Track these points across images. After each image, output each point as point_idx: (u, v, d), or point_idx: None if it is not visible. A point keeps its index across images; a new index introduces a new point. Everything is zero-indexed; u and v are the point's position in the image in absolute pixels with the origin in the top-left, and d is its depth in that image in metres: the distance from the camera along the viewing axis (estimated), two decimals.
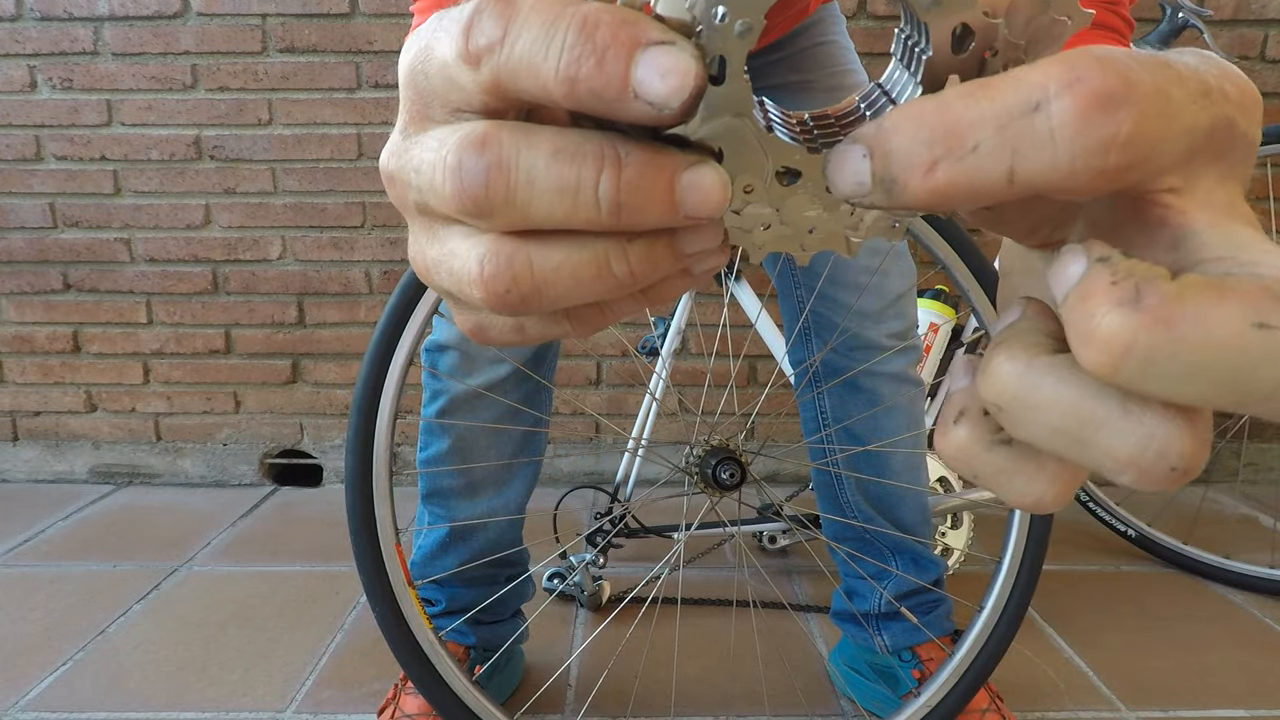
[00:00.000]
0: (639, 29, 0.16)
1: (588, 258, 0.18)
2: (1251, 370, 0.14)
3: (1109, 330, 0.15)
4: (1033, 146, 0.15)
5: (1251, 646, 1.27)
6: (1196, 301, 0.15)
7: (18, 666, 1.19)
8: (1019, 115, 0.15)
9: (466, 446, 1.03)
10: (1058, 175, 0.16)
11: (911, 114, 0.17)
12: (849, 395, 1.06)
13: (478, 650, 1.06)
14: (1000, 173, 0.16)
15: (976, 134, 0.16)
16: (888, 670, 1.09)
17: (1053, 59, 0.16)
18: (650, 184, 0.17)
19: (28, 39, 1.75)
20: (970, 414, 0.20)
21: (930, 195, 0.17)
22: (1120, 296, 0.15)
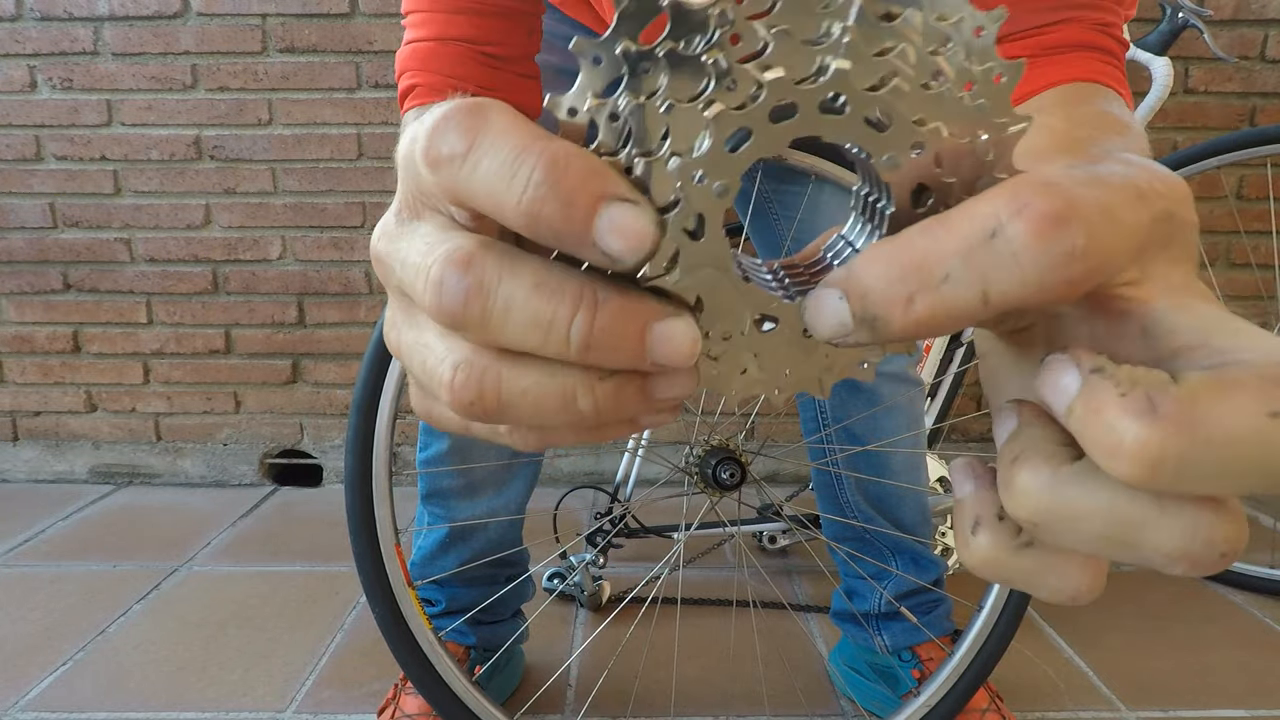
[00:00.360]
0: (606, 182, 0.17)
1: (556, 388, 0.19)
2: (1273, 458, 0.15)
3: (1136, 442, 0.15)
4: (999, 269, 0.16)
5: (1251, 646, 1.27)
6: (1209, 401, 0.15)
7: (18, 666, 1.19)
8: (979, 243, 0.17)
9: (466, 446, 1.03)
10: (1028, 291, 0.17)
11: (880, 254, 0.18)
12: (849, 395, 1.06)
13: (478, 650, 1.06)
14: (974, 296, 0.17)
15: (945, 265, 0.17)
16: (888, 670, 1.09)
17: (998, 188, 0.17)
18: (622, 330, 0.18)
19: (28, 39, 1.75)
20: (986, 522, 0.20)
21: (914, 327, 0.17)
22: (1137, 408, 0.15)
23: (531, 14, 0.63)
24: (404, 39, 0.63)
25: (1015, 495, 0.18)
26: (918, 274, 0.17)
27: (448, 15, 0.60)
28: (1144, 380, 0.16)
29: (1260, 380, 0.15)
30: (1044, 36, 0.46)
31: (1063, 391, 0.17)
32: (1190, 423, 0.15)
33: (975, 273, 0.17)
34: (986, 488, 0.20)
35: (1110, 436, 0.16)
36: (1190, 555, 0.16)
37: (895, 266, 0.17)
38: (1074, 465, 0.17)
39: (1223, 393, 0.15)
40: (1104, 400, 0.16)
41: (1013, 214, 0.16)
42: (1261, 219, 1.81)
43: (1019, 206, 0.16)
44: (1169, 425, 0.15)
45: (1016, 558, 0.19)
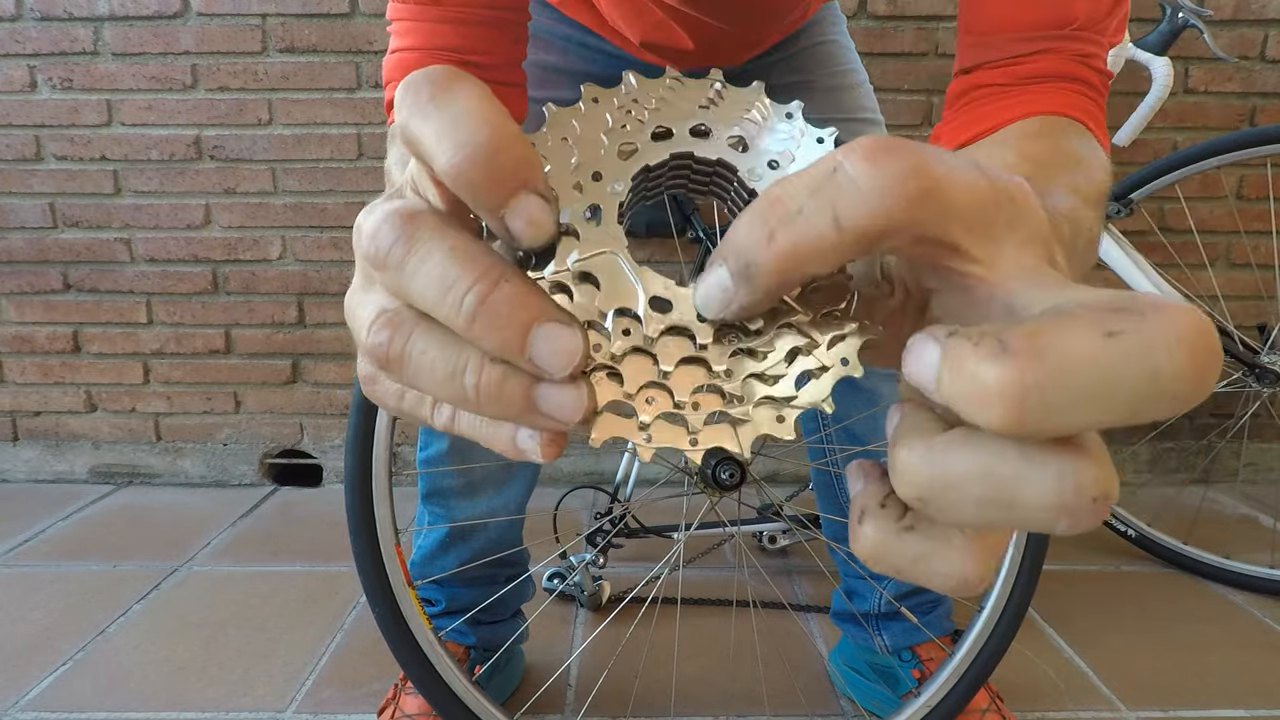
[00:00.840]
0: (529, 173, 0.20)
1: (450, 357, 0.21)
2: (1119, 375, 0.16)
3: (997, 381, 0.16)
4: (843, 195, 0.18)
5: (1251, 646, 1.27)
6: (1051, 332, 0.16)
7: (18, 666, 1.19)
8: (823, 179, 0.19)
9: (466, 446, 1.03)
10: (874, 210, 0.18)
11: (743, 214, 0.20)
12: (849, 395, 1.06)
13: (478, 650, 1.06)
14: (827, 223, 0.18)
15: (797, 201, 0.19)
16: (888, 670, 1.09)
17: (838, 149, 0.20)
18: (510, 314, 0.19)
19: (28, 39, 1.75)
20: (870, 510, 0.21)
21: (781, 260, 0.19)
22: (989, 351, 0.16)
23: (517, 22, 0.63)
24: (389, 48, 0.63)
25: (898, 474, 0.19)
26: (774, 211, 0.19)
27: (432, 25, 0.60)
28: (992, 330, 0.17)
29: (1091, 310, 0.17)
30: (1021, 66, 0.46)
31: (927, 365, 0.18)
32: (1039, 352, 0.16)
33: (824, 201, 0.18)
34: (874, 482, 0.22)
35: (974, 385, 0.16)
36: (1065, 505, 0.17)
37: (755, 214, 0.19)
38: (946, 434, 0.18)
39: (1061, 323, 0.16)
40: (961, 354, 0.17)
41: (848, 151, 0.18)
42: (1261, 219, 1.81)
43: (850, 147, 0.19)
44: (1021, 359, 0.16)
45: (900, 542, 0.20)
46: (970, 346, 0.17)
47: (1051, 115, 0.44)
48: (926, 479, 0.18)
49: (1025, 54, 0.46)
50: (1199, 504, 1.77)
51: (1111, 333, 0.16)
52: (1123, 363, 0.16)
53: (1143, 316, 0.16)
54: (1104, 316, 0.16)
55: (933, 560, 0.20)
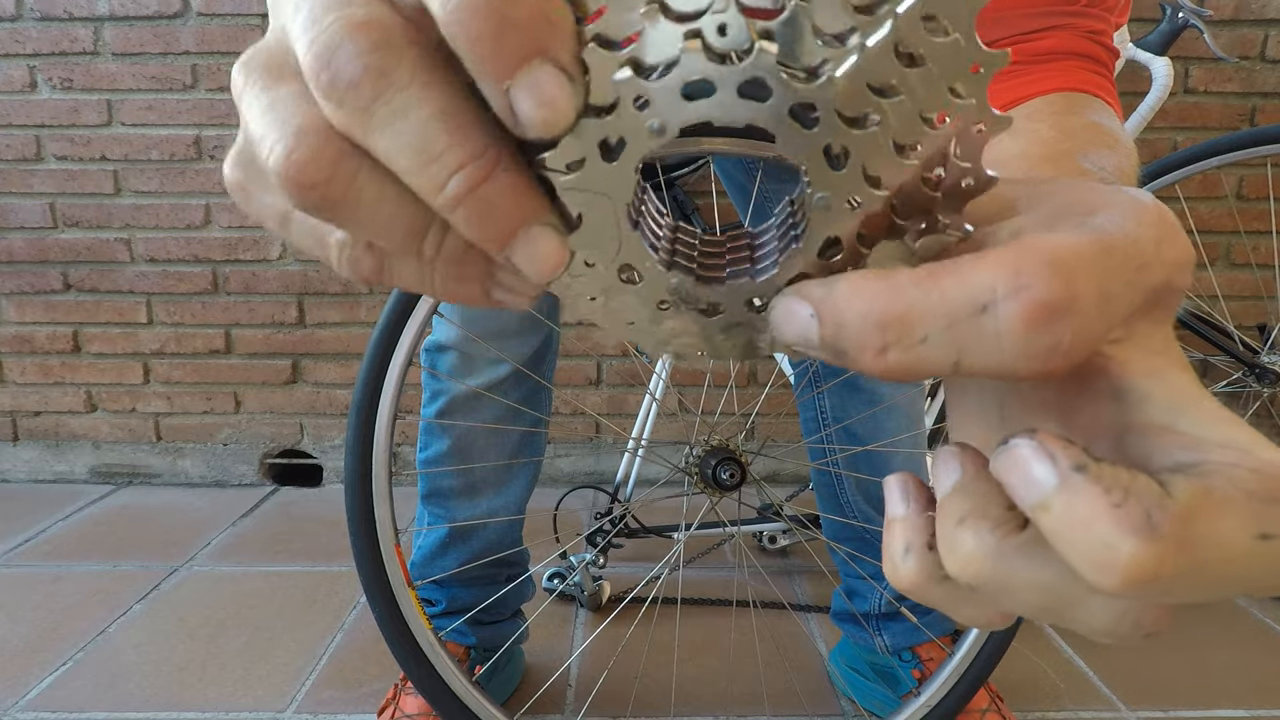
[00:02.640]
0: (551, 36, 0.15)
1: (408, 215, 0.17)
2: (1257, 578, 0.15)
3: (1134, 560, 0.15)
4: (979, 345, 0.16)
5: (1251, 646, 1.27)
6: (1205, 521, 0.15)
7: (18, 666, 1.19)
8: (967, 315, 0.16)
9: (466, 447, 1.03)
10: (1000, 370, 0.16)
11: (866, 291, 0.17)
12: (849, 395, 1.06)
13: (478, 650, 1.06)
14: (947, 363, 0.16)
15: (927, 327, 0.16)
16: (888, 670, 1.09)
17: (1002, 253, 0.16)
18: (503, 209, 0.16)
19: (28, 39, 1.75)
20: (916, 550, 0.20)
21: (879, 372, 0.17)
22: (1134, 524, 0.15)
23: None
24: None
25: (957, 557, 0.18)
26: (899, 327, 0.16)
27: None
28: (1136, 490, 0.15)
29: (1249, 499, 0.15)
30: (1032, 43, 0.46)
31: (1034, 485, 0.16)
32: (1189, 543, 0.15)
33: (955, 342, 0.16)
34: (921, 513, 0.20)
35: (1103, 552, 0.15)
36: (1116, 633, 0.17)
37: (878, 312, 0.17)
38: (1020, 537, 0.17)
39: (1217, 512, 0.15)
40: (1095, 509, 0.15)
41: (1010, 292, 0.16)
42: (1261, 219, 1.81)
43: (1018, 286, 0.16)
44: (1169, 546, 0.15)
45: (939, 587, 0.19)
46: (1106, 504, 0.15)
47: (1073, 92, 0.43)
48: (989, 576, 0.17)
49: (1035, 30, 0.45)
50: None
51: (1267, 535, 0.15)
52: (1265, 569, 0.15)
53: None
54: (1260, 511, 0.15)
55: (964, 607, 0.19)
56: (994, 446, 0.17)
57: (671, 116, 0.17)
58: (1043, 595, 0.17)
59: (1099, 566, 0.15)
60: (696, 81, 0.16)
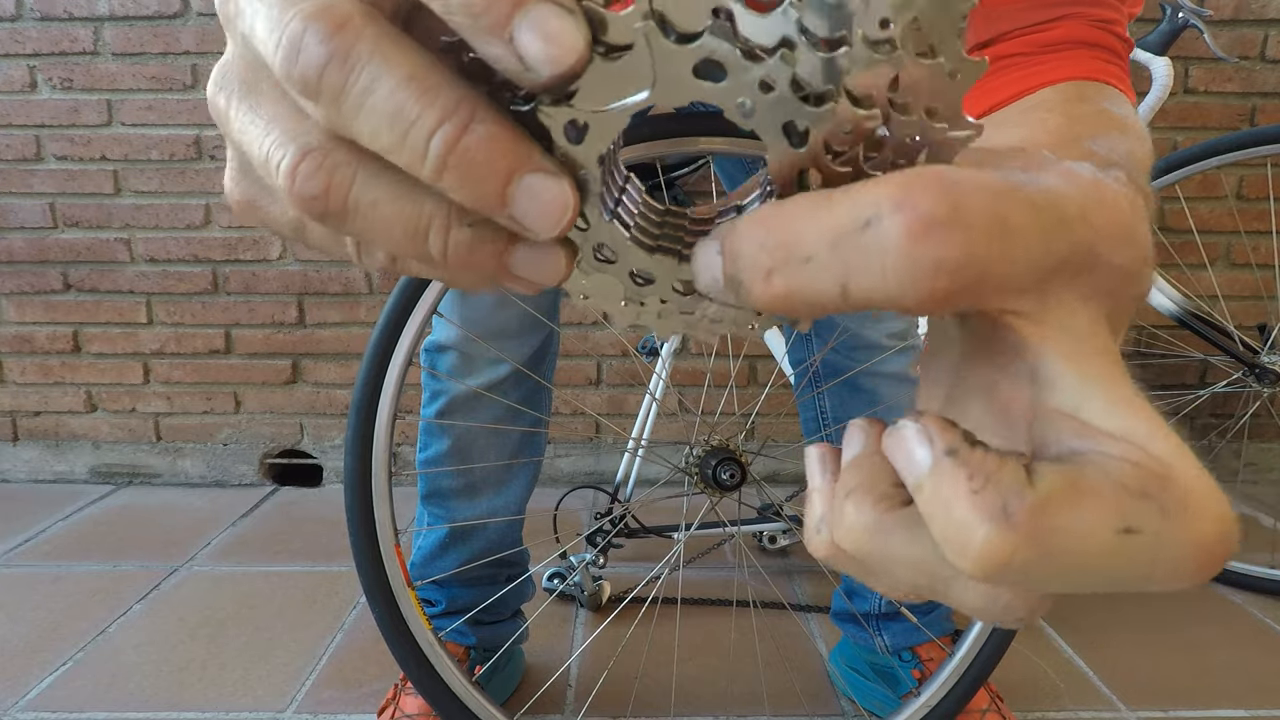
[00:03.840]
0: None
1: (410, 213, 0.17)
2: (1119, 571, 0.15)
3: (986, 544, 0.15)
4: (862, 265, 0.15)
5: (1251, 646, 1.27)
6: (1062, 512, 0.15)
7: (18, 666, 1.19)
8: (850, 231, 0.15)
9: (466, 447, 1.03)
10: (888, 294, 0.15)
11: (759, 218, 0.17)
12: (849, 395, 1.06)
13: (478, 650, 1.06)
14: (833, 287, 0.16)
15: (810, 246, 0.16)
16: (888, 670, 1.09)
17: (891, 176, 0.16)
18: (488, 161, 0.16)
19: (28, 39, 1.75)
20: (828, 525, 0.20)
21: (771, 301, 0.17)
22: (989, 509, 0.15)
23: None
24: None
25: (840, 527, 0.18)
26: (783, 248, 0.16)
27: None
28: (998, 477, 0.15)
29: (1115, 490, 0.15)
30: (1042, 34, 0.45)
31: (914, 464, 0.16)
32: (1041, 533, 0.15)
33: (839, 261, 0.15)
34: (833, 484, 0.20)
35: (959, 533, 0.15)
36: (989, 614, 0.17)
37: (766, 235, 0.16)
38: (899, 513, 0.17)
39: (1077, 502, 0.15)
40: (955, 492, 0.15)
41: (893, 207, 0.15)
42: (1261, 219, 1.81)
43: (901, 200, 0.15)
44: (1020, 534, 0.15)
45: (849, 563, 0.19)
46: (967, 489, 0.15)
47: (1085, 80, 0.42)
48: (866, 548, 0.18)
49: (1045, 21, 0.44)
50: None
51: (1129, 529, 0.15)
52: (1126, 565, 0.15)
53: (1165, 515, 0.15)
54: (1127, 505, 0.15)
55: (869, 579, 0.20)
56: None
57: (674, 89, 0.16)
58: (918, 572, 0.17)
59: (956, 549, 0.15)
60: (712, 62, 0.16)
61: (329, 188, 0.16)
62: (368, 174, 0.16)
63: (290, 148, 0.17)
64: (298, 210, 0.17)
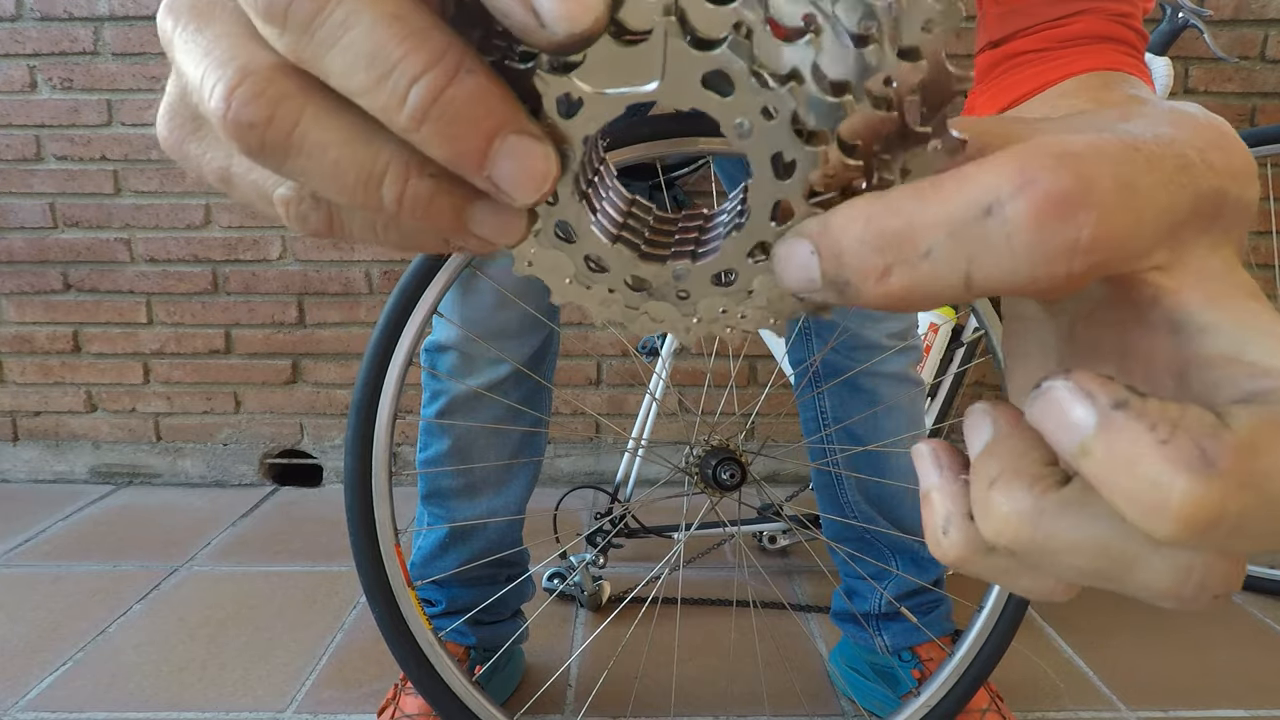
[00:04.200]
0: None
1: (364, 158, 0.15)
2: None
3: (1190, 500, 0.13)
4: (988, 253, 0.14)
5: (1251, 646, 1.27)
6: (1272, 451, 0.13)
7: (18, 666, 1.19)
8: (971, 219, 0.14)
9: (466, 447, 1.03)
10: (1018, 280, 0.15)
11: (860, 213, 0.16)
12: (849, 395, 1.06)
13: (478, 650, 1.06)
14: (956, 278, 0.15)
15: (928, 239, 0.15)
16: (888, 670, 1.09)
17: (1006, 155, 0.15)
18: (472, 116, 0.14)
19: (28, 39, 1.75)
20: (957, 522, 0.18)
21: (886, 300, 0.16)
22: (1187, 460, 0.13)
23: None
24: None
25: (991, 521, 0.16)
26: (898, 245, 0.15)
27: None
28: (1186, 423, 0.13)
29: None
30: (1059, 29, 0.45)
31: (1072, 427, 0.14)
32: (1253, 477, 0.13)
33: (961, 252, 0.15)
34: (954, 480, 0.18)
35: (1152, 493, 0.13)
36: (1181, 596, 0.15)
37: (875, 231, 0.15)
38: (1060, 493, 0.15)
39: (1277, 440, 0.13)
40: (1139, 447, 0.13)
41: (1015, 190, 0.14)
42: (1261, 219, 1.81)
43: (1023, 182, 0.14)
44: (1229, 480, 0.13)
45: (987, 558, 0.18)
46: (1151, 440, 0.13)
47: (1108, 70, 0.41)
48: (1028, 539, 0.16)
49: (1061, 16, 0.44)
50: None
51: None
52: None
53: None
54: None
55: (1021, 578, 0.18)
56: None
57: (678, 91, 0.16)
58: (1094, 557, 0.15)
59: (1150, 511, 0.13)
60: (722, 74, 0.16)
61: (271, 119, 0.14)
62: (318, 109, 0.15)
63: (230, 68, 0.15)
64: (231, 139, 0.15)
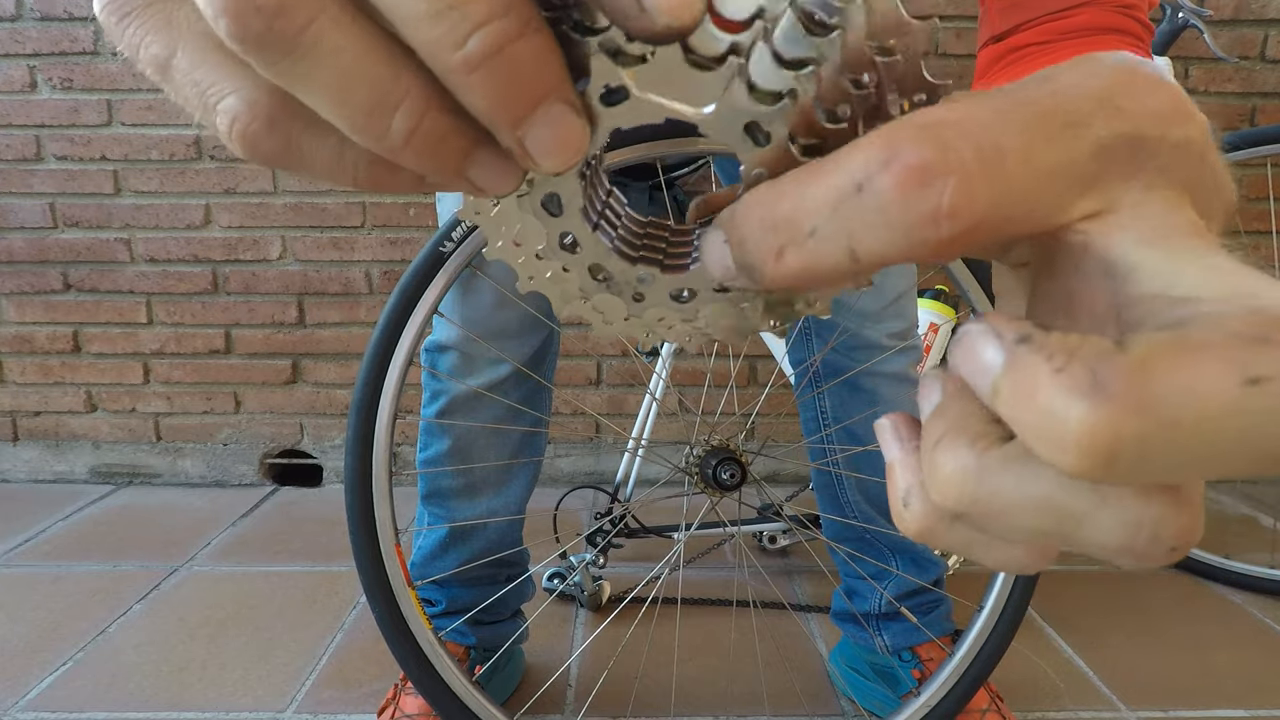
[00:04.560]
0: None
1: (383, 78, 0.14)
2: (1256, 431, 0.12)
3: (1084, 427, 0.13)
4: (865, 226, 0.15)
5: (1251, 646, 1.27)
6: (1168, 371, 0.13)
7: (18, 666, 1.19)
8: (845, 197, 0.15)
9: (466, 447, 1.03)
10: (897, 250, 0.15)
11: (755, 200, 0.17)
12: (849, 395, 1.06)
13: (478, 650, 1.06)
14: (842, 253, 0.15)
15: (812, 219, 0.15)
16: (888, 670, 1.09)
17: (875, 134, 0.15)
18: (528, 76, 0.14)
19: (28, 39, 1.75)
20: (916, 492, 0.18)
21: (786, 279, 0.16)
22: (1078, 385, 0.13)
23: None
24: None
25: (937, 482, 0.16)
26: (787, 226, 0.16)
27: None
28: (1082, 350, 0.13)
29: (1230, 339, 0.13)
30: (1062, 21, 0.44)
31: (984, 369, 0.14)
32: (1147, 400, 0.12)
33: (841, 229, 0.15)
34: (914, 452, 0.18)
35: (1050, 423, 0.13)
36: (1134, 550, 0.15)
37: (767, 215, 0.16)
38: (1002, 449, 0.15)
39: (1184, 359, 0.13)
40: (1036, 378, 0.13)
41: (880, 165, 0.15)
42: (1261, 219, 1.81)
43: (888, 157, 0.14)
44: (1121, 405, 0.12)
45: (952, 530, 0.17)
46: (1048, 370, 0.13)
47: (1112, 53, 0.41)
48: (971, 497, 0.15)
49: (1065, 9, 0.44)
50: None
51: (1255, 379, 0.12)
52: (1264, 421, 0.12)
53: None
54: (1244, 352, 0.13)
55: (989, 549, 0.17)
56: None
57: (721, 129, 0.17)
58: (1040, 514, 0.15)
59: (1051, 443, 0.13)
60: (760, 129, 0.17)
61: (283, 6, 0.13)
62: (339, 12, 0.14)
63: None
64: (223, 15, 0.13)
